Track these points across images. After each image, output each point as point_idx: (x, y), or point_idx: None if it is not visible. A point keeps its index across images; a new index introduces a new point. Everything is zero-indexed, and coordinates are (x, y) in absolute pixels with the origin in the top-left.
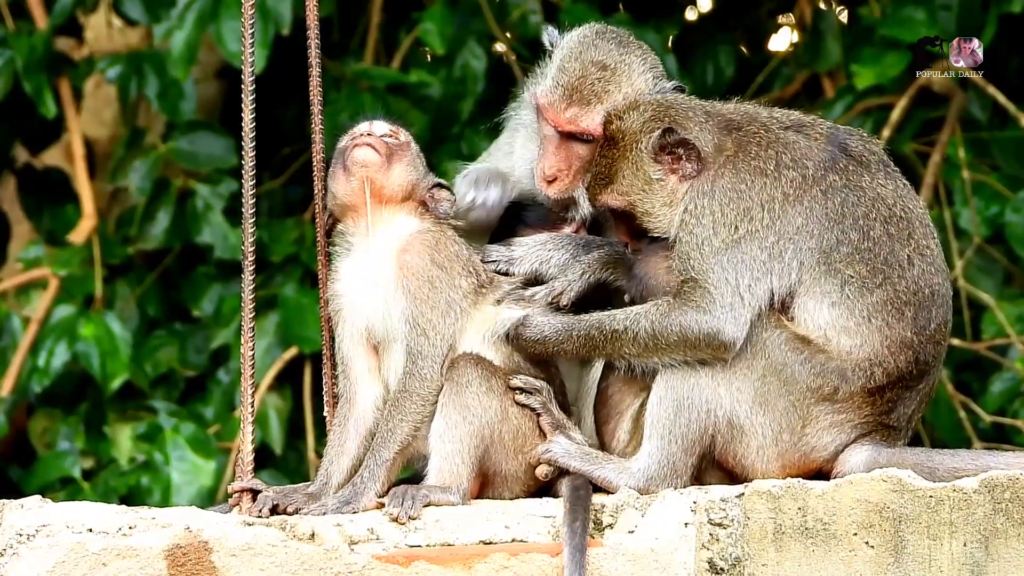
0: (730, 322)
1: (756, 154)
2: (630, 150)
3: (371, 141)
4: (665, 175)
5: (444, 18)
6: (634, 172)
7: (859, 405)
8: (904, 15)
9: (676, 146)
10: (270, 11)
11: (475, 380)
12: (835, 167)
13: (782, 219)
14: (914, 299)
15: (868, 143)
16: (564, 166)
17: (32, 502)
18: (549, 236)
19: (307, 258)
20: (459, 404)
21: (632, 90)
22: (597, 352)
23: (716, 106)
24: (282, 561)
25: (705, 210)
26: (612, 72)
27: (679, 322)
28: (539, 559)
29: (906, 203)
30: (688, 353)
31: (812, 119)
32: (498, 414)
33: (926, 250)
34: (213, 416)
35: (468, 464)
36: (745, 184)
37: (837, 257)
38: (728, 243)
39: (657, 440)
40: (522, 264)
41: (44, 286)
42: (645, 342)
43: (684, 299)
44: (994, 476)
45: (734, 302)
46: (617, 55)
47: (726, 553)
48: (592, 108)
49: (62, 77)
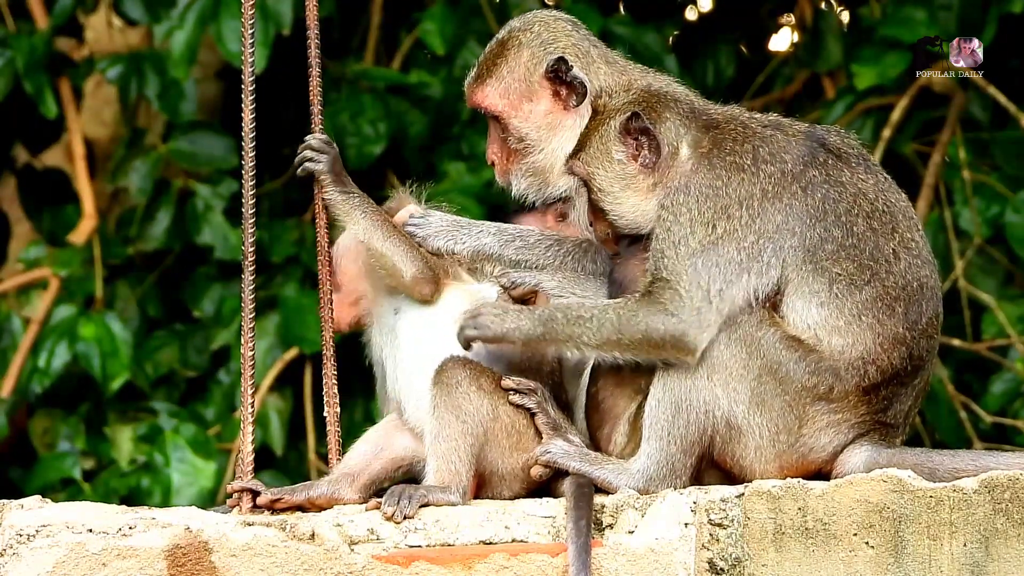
0: (695, 326)
1: (732, 149)
2: (603, 124)
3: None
4: (627, 159)
5: (444, 18)
6: (599, 146)
7: (855, 404)
8: (904, 15)
9: (639, 133)
10: (270, 11)
11: (464, 380)
12: (814, 162)
13: (761, 216)
14: (903, 294)
15: (846, 138)
16: (496, 148)
17: (32, 502)
18: (492, 225)
19: (307, 259)
20: (450, 404)
21: (518, 63)
22: (552, 336)
23: (707, 105)
24: (282, 561)
25: (682, 207)
26: (502, 47)
27: (645, 322)
28: (539, 559)
29: (887, 196)
30: (651, 352)
31: (791, 120)
32: (489, 412)
33: (911, 243)
34: (214, 417)
35: (465, 462)
36: (722, 180)
37: (823, 255)
38: (705, 244)
39: (656, 441)
40: (436, 239)
41: (44, 286)
42: (607, 335)
43: (653, 299)
44: (994, 476)
45: (702, 306)
46: (515, 31)
47: (726, 553)
48: (484, 83)
49: (62, 77)
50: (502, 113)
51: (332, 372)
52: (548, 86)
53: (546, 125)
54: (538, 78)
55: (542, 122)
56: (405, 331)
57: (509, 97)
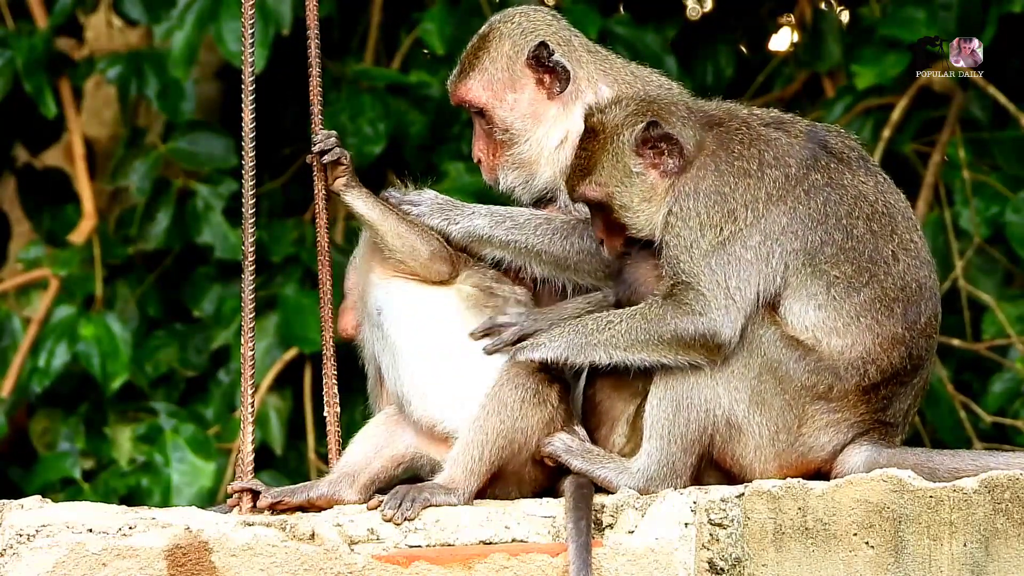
0: (727, 324)
1: (739, 153)
2: (611, 141)
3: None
4: (646, 169)
5: (444, 18)
6: (614, 164)
7: (854, 404)
8: (904, 15)
9: (659, 140)
10: (270, 11)
11: (530, 387)
12: (816, 165)
13: (766, 218)
14: (902, 295)
15: (846, 139)
16: (481, 145)
17: (32, 502)
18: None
19: (307, 258)
20: (503, 404)
21: (499, 53)
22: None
23: (697, 102)
24: (282, 561)
25: (691, 212)
26: (484, 40)
27: (674, 324)
28: (539, 559)
29: (887, 198)
30: (681, 353)
31: (791, 117)
32: (540, 422)
33: (910, 244)
34: (213, 417)
35: (486, 464)
36: (729, 186)
37: (822, 258)
38: (715, 244)
39: (656, 440)
40: (431, 217)
41: (44, 286)
42: (637, 336)
43: (677, 302)
44: (994, 476)
45: (728, 303)
46: (495, 24)
47: (726, 553)
48: (467, 77)
49: (62, 77)
50: (486, 105)
51: (332, 372)
52: (531, 74)
53: (531, 114)
54: (520, 66)
55: (527, 111)
56: (393, 328)
57: (493, 88)
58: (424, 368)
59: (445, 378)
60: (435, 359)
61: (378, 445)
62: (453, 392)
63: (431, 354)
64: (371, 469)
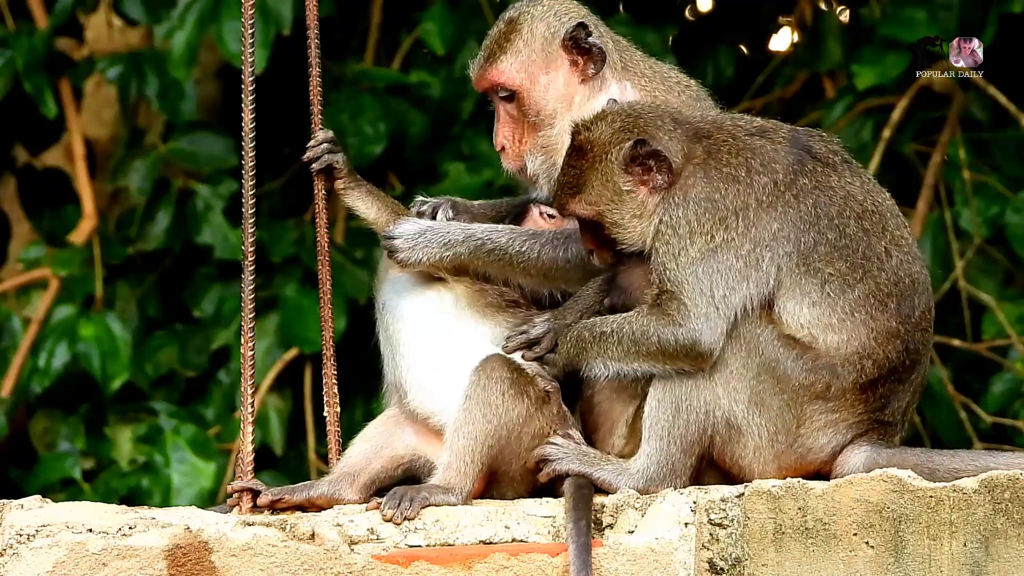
0: (706, 332)
1: (727, 161)
2: (599, 160)
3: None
4: (635, 187)
5: (444, 18)
6: (603, 183)
7: (852, 403)
8: (904, 15)
9: (647, 158)
10: (270, 11)
11: (505, 381)
12: (803, 170)
13: (757, 226)
14: (896, 290)
15: (829, 143)
16: (507, 132)
17: (32, 502)
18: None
19: (307, 258)
20: (483, 402)
21: (532, 35)
22: (584, 355)
23: (682, 113)
24: (282, 561)
25: (681, 220)
26: (514, 23)
27: (656, 334)
28: (539, 559)
29: (875, 197)
30: (667, 362)
31: (773, 124)
32: (521, 417)
33: (901, 240)
34: (213, 417)
35: (478, 464)
36: (719, 193)
37: (816, 257)
38: (704, 252)
39: (656, 441)
40: (416, 253)
41: (44, 287)
42: (628, 347)
43: (661, 311)
44: (994, 476)
45: (709, 312)
46: (523, 8)
47: (726, 553)
48: (498, 59)
49: (62, 77)
50: (520, 87)
51: (332, 372)
52: (565, 56)
53: (564, 97)
54: (556, 47)
55: (561, 92)
56: (393, 320)
57: (527, 70)
58: (421, 359)
59: (441, 369)
60: (431, 351)
61: (378, 445)
62: (449, 383)
63: (427, 346)
64: (371, 469)
